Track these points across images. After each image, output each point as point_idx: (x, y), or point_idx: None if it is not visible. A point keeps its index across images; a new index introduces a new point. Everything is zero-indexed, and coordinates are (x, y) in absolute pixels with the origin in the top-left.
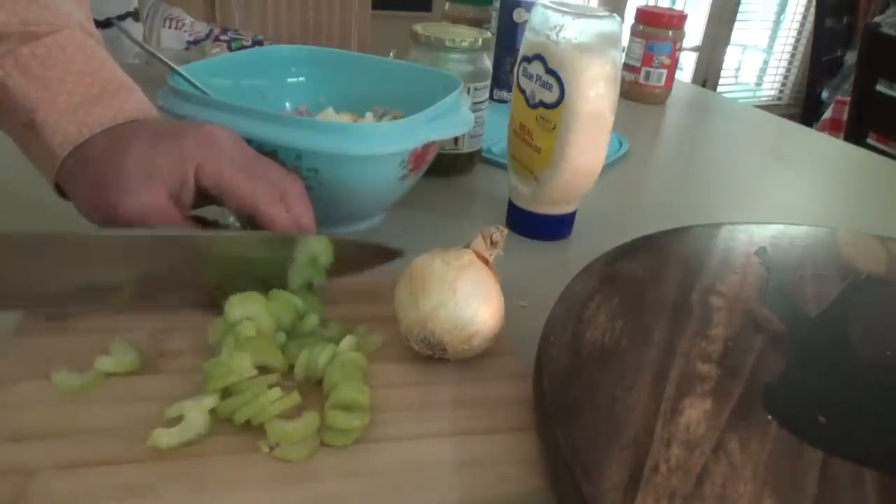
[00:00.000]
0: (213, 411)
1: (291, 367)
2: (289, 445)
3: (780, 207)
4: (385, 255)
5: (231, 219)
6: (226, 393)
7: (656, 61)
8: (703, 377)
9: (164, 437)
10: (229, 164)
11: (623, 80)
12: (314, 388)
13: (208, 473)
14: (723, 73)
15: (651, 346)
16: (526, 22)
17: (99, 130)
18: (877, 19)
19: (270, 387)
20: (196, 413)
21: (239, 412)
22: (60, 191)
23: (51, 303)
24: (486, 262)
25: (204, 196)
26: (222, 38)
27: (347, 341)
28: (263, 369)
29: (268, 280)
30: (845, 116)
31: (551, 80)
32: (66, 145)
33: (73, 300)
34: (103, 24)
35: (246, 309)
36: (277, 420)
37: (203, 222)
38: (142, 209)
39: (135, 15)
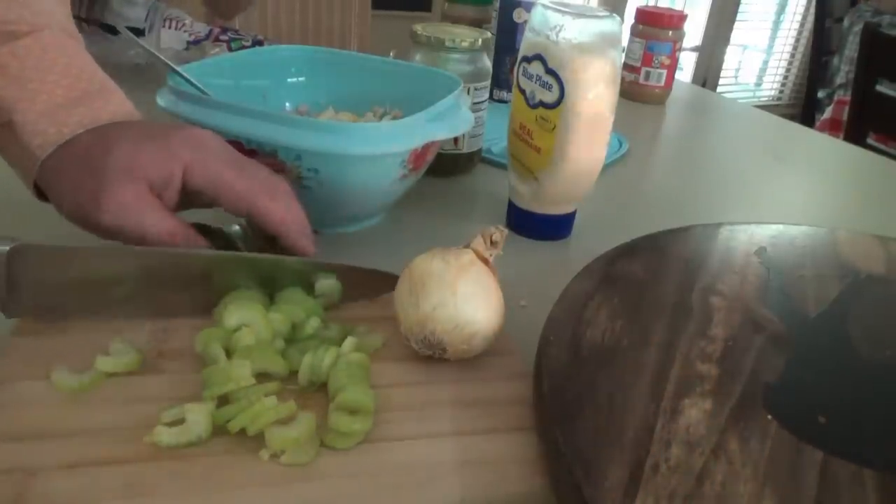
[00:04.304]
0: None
1: (293, 373)
2: (294, 452)
3: (780, 207)
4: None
5: (235, 227)
6: (224, 400)
7: (656, 61)
8: (702, 377)
9: (165, 436)
10: (220, 162)
11: (623, 80)
12: (316, 392)
13: (209, 473)
14: (723, 73)
15: (651, 346)
16: (526, 22)
17: (81, 131)
18: (849, 16)
19: (268, 394)
20: (198, 416)
21: (233, 421)
22: (39, 192)
23: (52, 304)
24: (485, 261)
25: (192, 199)
26: (222, 38)
27: (349, 342)
28: (265, 376)
29: (270, 282)
30: (845, 116)
31: (551, 80)
32: (47, 146)
33: (71, 300)
34: (111, 30)
35: (242, 316)
36: (276, 427)
37: (206, 230)
38: (123, 201)
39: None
